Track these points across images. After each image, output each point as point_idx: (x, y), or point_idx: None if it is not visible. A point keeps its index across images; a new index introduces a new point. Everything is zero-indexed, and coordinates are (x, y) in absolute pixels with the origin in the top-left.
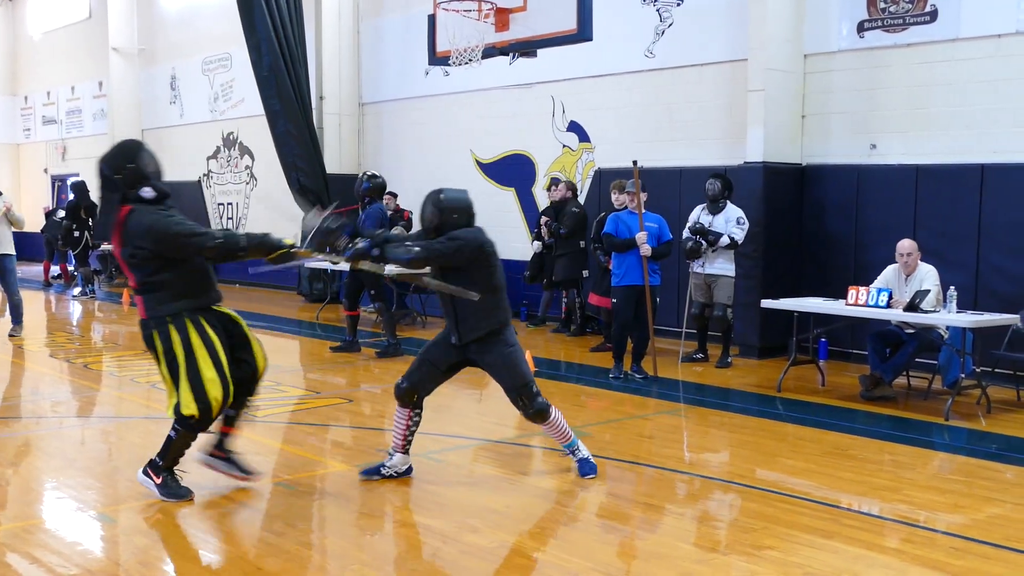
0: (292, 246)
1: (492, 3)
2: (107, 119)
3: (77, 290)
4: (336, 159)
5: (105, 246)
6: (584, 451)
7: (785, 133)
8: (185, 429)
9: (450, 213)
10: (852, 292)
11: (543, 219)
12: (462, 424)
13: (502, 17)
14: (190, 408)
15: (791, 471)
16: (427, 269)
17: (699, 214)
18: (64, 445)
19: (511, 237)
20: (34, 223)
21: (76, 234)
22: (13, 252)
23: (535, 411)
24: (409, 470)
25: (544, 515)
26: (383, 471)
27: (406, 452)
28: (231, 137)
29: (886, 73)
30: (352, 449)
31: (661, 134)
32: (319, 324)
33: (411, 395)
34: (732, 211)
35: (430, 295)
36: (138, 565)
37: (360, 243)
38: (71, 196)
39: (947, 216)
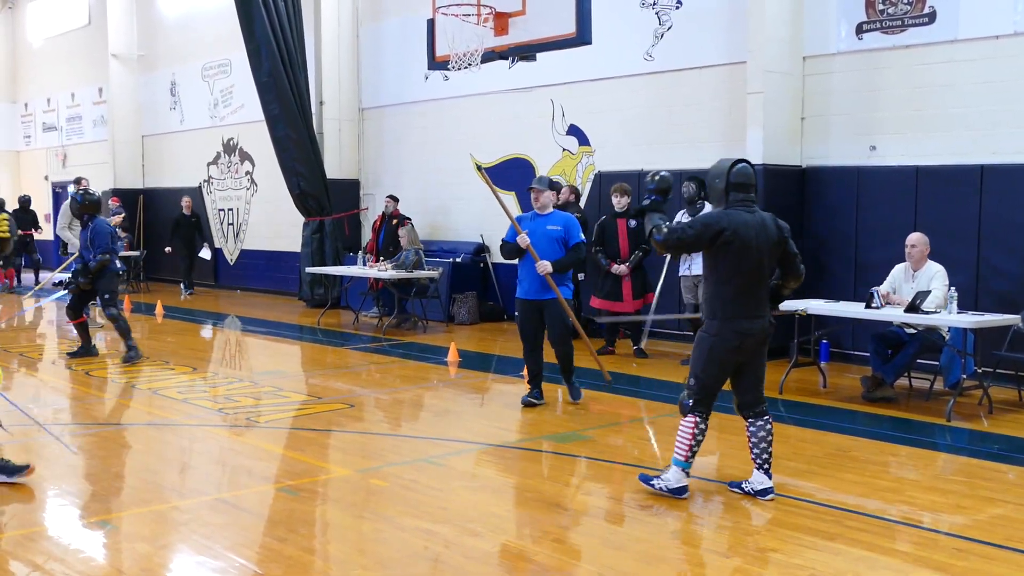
0: None
1: (491, 7)
2: (107, 125)
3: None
4: (336, 164)
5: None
6: (673, 479)
7: (784, 135)
8: None
9: (712, 179)
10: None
11: None
12: (464, 428)
13: (501, 21)
14: None
15: (793, 473)
16: None
17: (679, 218)
18: (66, 452)
19: None
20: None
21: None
22: None
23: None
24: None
25: (546, 519)
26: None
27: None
28: (231, 143)
29: (885, 75)
30: (354, 454)
31: (661, 137)
32: (320, 329)
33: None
34: None
35: (429, 299)
36: (140, 572)
37: None
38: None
39: (947, 217)
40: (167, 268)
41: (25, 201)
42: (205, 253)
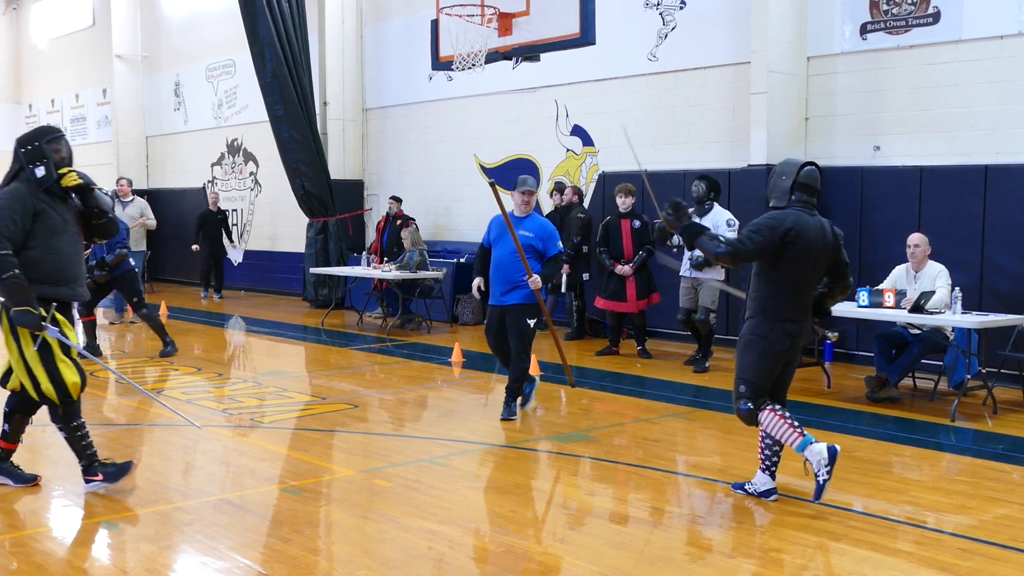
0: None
1: (495, 7)
2: (111, 126)
3: None
4: (340, 164)
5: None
6: (816, 454)
7: (788, 135)
8: (63, 421)
9: (778, 176)
10: (889, 295)
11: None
12: (468, 428)
13: (505, 22)
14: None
15: (797, 473)
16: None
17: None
18: (69, 453)
19: None
20: None
21: None
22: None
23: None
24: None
25: (550, 519)
26: (747, 487)
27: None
28: (235, 143)
29: (889, 75)
30: (358, 454)
31: (664, 137)
32: (324, 330)
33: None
34: (720, 214)
35: (433, 300)
36: (144, 572)
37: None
38: None
39: (951, 217)
40: (171, 268)
41: None
42: (236, 255)
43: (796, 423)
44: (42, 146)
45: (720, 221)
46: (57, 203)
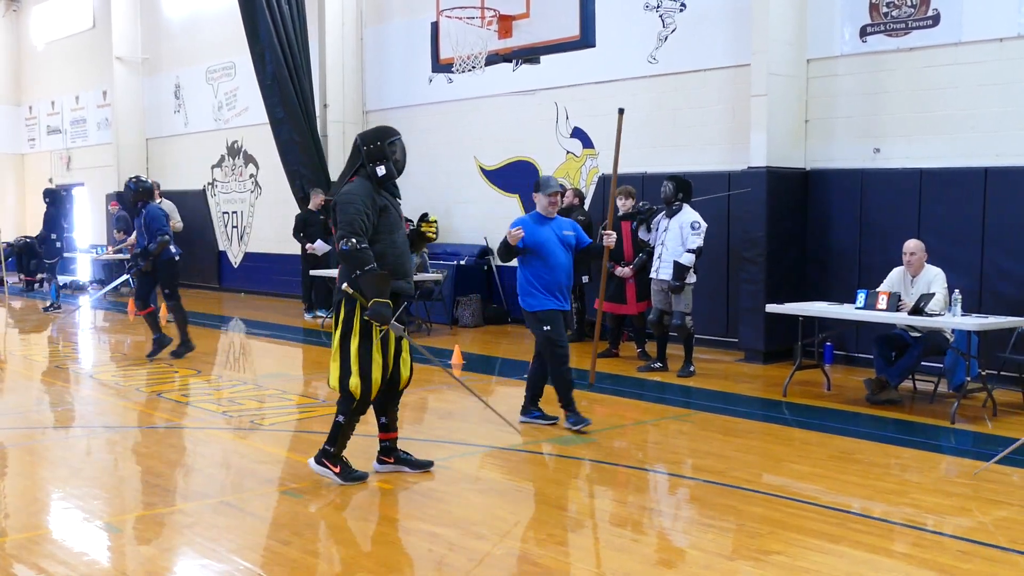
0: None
1: (495, 10)
2: (111, 128)
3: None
4: (340, 167)
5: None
6: None
7: (788, 137)
8: (349, 415)
9: None
10: (883, 297)
11: None
12: (468, 431)
13: (505, 24)
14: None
15: (797, 475)
16: None
17: (659, 219)
18: (70, 455)
19: None
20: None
21: (58, 244)
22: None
23: None
24: None
25: (551, 522)
26: None
27: None
28: (235, 146)
29: (889, 77)
30: (357, 456)
31: (665, 140)
32: (324, 332)
33: None
34: (687, 215)
35: (434, 302)
36: (144, 575)
37: None
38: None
39: (951, 219)
40: None
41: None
42: (320, 247)
43: None
44: (384, 146)
45: (685, 223)
46: (393, 200)
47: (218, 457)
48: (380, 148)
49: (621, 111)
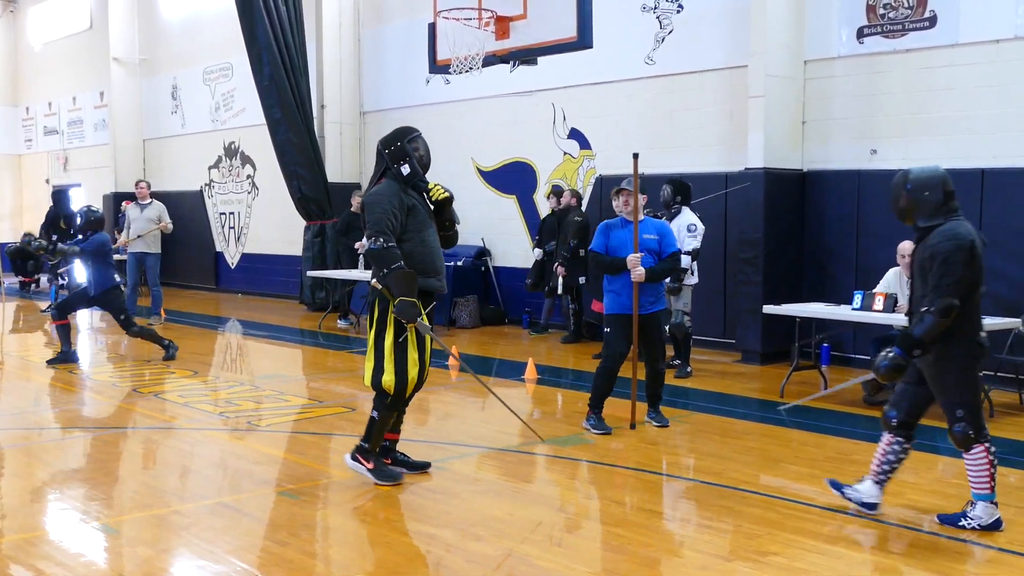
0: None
1: (492, 11)
2: (108, 129)
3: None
4: (337, 168)
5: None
6: (986, 516)
7: (785, 139)
8: (383, 411)
9: (920, 191)
10: (879, 299)
11: (558, 268)
12: (465, 432)
13: (502, 25)
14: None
15: (794, 477)
16: None
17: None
18: (67, 456)
19: (512, 244)
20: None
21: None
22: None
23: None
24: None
25: (548, 523)
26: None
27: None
28: (232, 147)
29: (886, 78)
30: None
31: (662, 141)
32: (321, 333)
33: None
34: (686, 217)
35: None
36: None
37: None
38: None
39: None
40: (168, 270)
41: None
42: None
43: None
44: (404, 145)
45: (682, 226)
46: (421, 198)
47: (215, 458)
48: (401, 148)
49: (636, 156)
